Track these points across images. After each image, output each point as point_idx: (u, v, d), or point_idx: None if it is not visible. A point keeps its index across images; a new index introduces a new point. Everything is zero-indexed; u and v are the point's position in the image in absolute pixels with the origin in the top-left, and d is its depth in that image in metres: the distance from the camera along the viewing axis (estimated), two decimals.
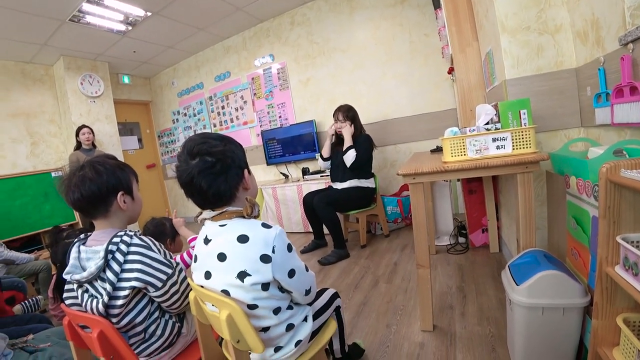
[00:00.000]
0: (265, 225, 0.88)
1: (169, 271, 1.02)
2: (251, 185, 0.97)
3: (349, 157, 2.82)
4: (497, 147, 1.42)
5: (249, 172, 0.96)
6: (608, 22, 1.22)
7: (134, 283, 0.95)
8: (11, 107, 4.06)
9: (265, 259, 0.84)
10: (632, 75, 1.09)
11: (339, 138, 3.05)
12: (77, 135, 3.86)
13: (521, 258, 1.35)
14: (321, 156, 3.17)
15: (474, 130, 1.48)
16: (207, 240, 0.91)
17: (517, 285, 1.22)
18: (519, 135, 1.38)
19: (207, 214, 0.92)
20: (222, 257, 0.86)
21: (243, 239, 0.85)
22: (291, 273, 0.90)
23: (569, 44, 1.57)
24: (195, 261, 0.95)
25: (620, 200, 0.86)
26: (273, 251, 0.85)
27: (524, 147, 1.38)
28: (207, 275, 0.89)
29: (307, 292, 0.98)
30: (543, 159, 1.29)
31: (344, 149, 2.86)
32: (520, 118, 1.41)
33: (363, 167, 2.92)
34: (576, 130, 1.60)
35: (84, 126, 3.89)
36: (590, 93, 1.42)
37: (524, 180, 1.34)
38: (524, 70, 1.65)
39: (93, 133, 3.95)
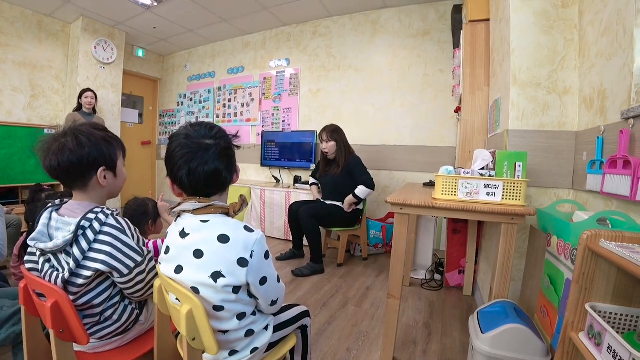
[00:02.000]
0: (247, 229, 0.86)
1: (139, 259, 0.97)
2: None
3: (364, 193, 2.81)
4: (488, 194, 1.43)
5: None
6: (614, 94, 1.26)
7: (99, 266, 0.90)
8: (19, 55, 4.01)
9: (242, 262, 0.82)
10: (627, 149, 1.12)
11: (326, 159, 3.07)
12: (79, 97, 3.84)
13: (491, 307, 1.36)
14: (314, 175, 3.25)
15: (468, 172, 1.50)
16: (184, 234, 0.87)
17: (482, 333, 1.22)
18: (511, 186, 1.41)
19: (189, 205, 0.87)
20: (198, 254, 0.83)
21: (224, 239, 0.82)
22: (263, 280, 0.88)
23: (574, 107, 1.61)
24: (166, 252, 0.90)
25: (596, 269, 0.88)
26: (251, 256, 0.83)
27: (513, 199, 1.40)
28: (178, 269, 0.86)
29: (274, 302, 0.96)
30: (530, 213, 1.30)
31: (353, 201, 2.85)
32: (515, 170, 1.43)
33: (352, 188, 2.88)
34: (566, 191, 1.63)
35: (88, 89, 3.86)
36: (586, 158, 1.46)
37: (507, 230, 1.35)
38: (527, 124, 1.68)
39: (96, 98, 3.92)
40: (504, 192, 1.41)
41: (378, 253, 3.39)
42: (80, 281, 0.90)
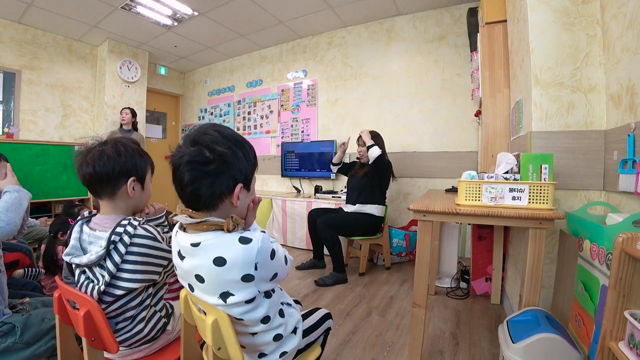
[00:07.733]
0: (243, 240, 0.77)
1: (170, 256, 1.02)
2: (240, 205, 0.83)
3: (374, 153, 2.83)
4: (513, 198, 1.39)
5: (248, 189, 0.85)
6: None
7: (134, 285, 0.96)
8: (52, 78, 4.27)
9: (247, 278, 0.77)
10: None
11: (360, 163, 3.11)
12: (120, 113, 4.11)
13: (521, 315, 1.30)
14: (332, 162, 3.30)
15: (492, 177, 1.46)
16: (181, 256, 0.84)
17: (513, 343, 1.17)
18: (537, 190, 1.36)
19: (181, 218, 0.81)
20: (199, 279, 0.81)
21: (220, 261, 0.76)
22: (274, 277, 0.86)
23: (601, 105, 1.55)
24: (177, 270, 0.91)
25: (634, 273, 0.83)
26: (255, 268, 0.77)
27: (540, 202, 1.35)
28: (190, 288, 0.86)
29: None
30: (559, 217, 1.25)
31: (367, 145, 2.88)
32: (541, 172, 1.39)
33: (377, 191, 2.94)
34: (597, 193, 1.56)
35: (126, 107, 4.13)
36: (617, 158, 1.39)
37: (535, 235, 1.30)
38: (552, 124, 1.63)
39: (134, 115, 4.15)
40: (530, 196, 1.37)
41: (401, 262, 3.34)
42: (117, 292, 0.94)
